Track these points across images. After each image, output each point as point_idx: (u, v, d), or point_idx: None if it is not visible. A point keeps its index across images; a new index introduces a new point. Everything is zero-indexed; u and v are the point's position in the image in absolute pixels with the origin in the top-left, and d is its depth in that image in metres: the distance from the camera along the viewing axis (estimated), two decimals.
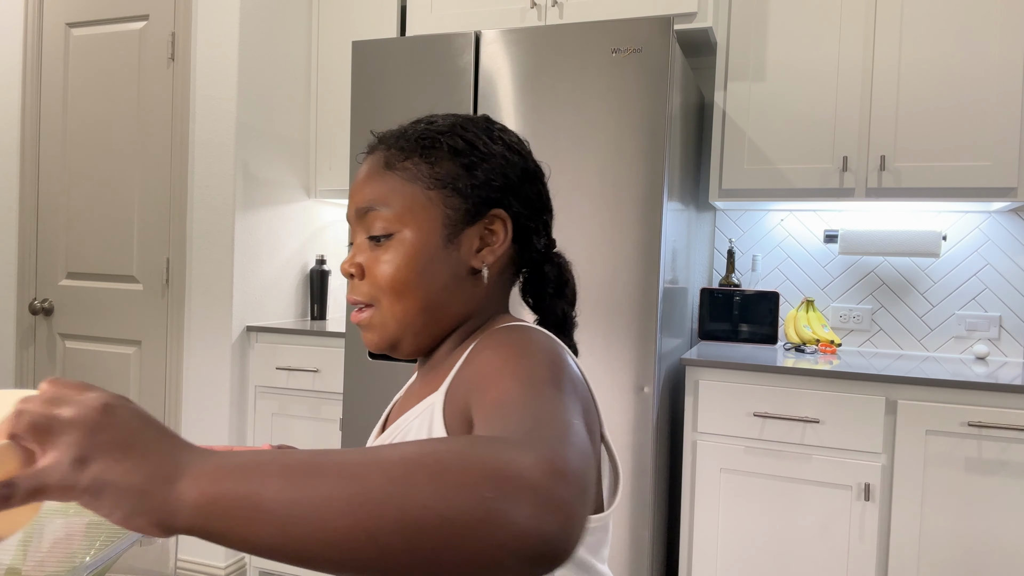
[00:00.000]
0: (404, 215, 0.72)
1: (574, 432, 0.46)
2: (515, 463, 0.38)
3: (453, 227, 0.73)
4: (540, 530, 0.36)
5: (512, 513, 0.36)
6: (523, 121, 1.92)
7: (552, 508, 0.37)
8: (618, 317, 1.84)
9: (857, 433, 1.86)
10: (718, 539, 2.00)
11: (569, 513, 0.38)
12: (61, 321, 2.70)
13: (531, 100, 1.91)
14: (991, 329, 2.28)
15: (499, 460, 0.38)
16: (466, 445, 0.39)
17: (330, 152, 2.71)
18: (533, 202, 0.77)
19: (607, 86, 1.84)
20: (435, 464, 0.37)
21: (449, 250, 0.73)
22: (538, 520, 0.36)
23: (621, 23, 1.83)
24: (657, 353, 1.83)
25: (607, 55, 1.84)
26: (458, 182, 0.73)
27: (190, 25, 2.46)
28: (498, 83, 1.94)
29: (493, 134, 0.77)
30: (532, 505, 0.37)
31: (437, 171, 0.73)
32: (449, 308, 0.74)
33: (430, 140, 0.74)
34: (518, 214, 0.75)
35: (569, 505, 0.38)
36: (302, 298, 2.80)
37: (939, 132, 2.06)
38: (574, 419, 0.50)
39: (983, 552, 1.79)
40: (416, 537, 0.36)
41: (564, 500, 0.38)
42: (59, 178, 2.69)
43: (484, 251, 0.74)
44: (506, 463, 0.38)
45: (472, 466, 0.37)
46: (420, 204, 0.72)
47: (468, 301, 0.75)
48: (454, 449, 0.39)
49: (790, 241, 2.48)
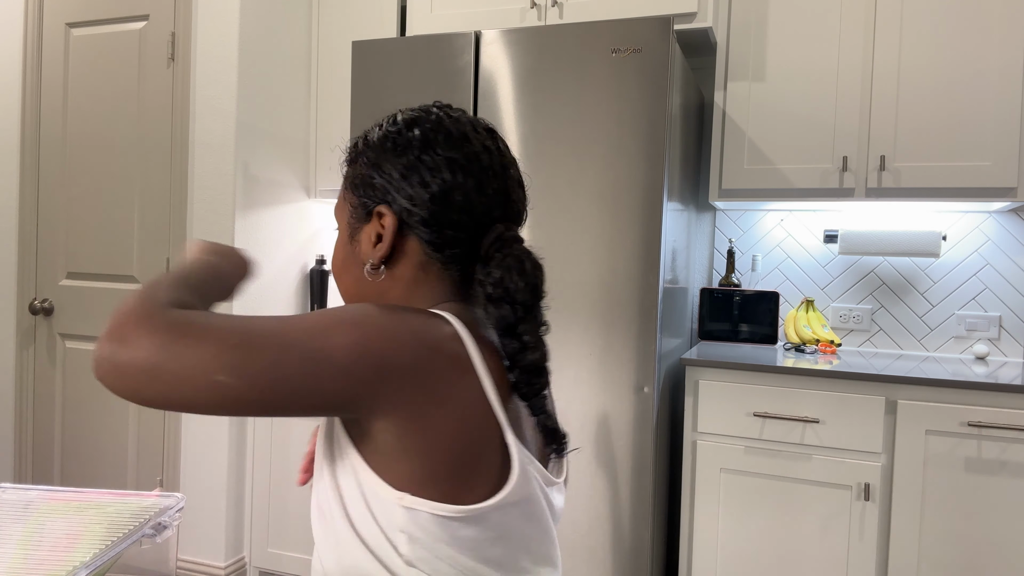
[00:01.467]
0: (336, 215, 0.81)
1: (198, 329, 0.59)
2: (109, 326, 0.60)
3: (354, 226, 0.78)
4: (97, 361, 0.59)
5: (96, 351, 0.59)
6: (523, 121, 1.92)
7: (99, 358, 0.59)
8: (618, 317, 1.85)
9: (857, 433, 1.86)
10: (718, 539, 2.00)
11: (106, 357, 0.58)
12: (61, 321, 2.70)
13: (531, 100, 1.91)
14: (991, 329, 2.28)
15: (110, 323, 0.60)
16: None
17: (330, 152, 2.71)
18: (429, 200, 0.73)
19: (607, 86, 1.84)
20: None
21: (353, 246, 0.78)
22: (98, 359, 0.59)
23: (621, 23, 1.83)
24: (657, 353, 1.83)
25: (607, 55, 1.84)
26: (355, 181, 0.77)
27: (190, 25, 2.46)
28: (498, 83, 1.94)
29: (412, 131, 0.75)
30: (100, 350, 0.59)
31: (349, 172, 0.79)
32: (368, 299, 0.78)
33: (357, 141, 0.79)
34: (404, 210, 0.74)
35: (108, 355, 0.58)
36: (302, 298, 2.80)
37: (939, 132, 2.06)
38: (237, 336, 0.60)
39: (983, 552, 1.79)
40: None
41: (105, 351, 0.59)
42: (59, 178, 2.69)
43: (376, 247, 0.75)
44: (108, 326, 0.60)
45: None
46: (339, 205, 0.80)
47: (384, 294, 0.77)
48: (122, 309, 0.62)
49: (790, 241, 2.48)
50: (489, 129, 0.79)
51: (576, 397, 1.88)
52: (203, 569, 2.46)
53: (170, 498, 0.85)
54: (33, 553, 0.70)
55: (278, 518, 2.45)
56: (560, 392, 1.90)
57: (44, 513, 0.71)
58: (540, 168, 1.90)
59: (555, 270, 1.90)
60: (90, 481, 2.67)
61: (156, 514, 0.81)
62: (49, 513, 0.71)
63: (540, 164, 1.90)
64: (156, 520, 0.81)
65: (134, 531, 0.77)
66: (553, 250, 1.90)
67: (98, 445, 2.65)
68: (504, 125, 1.94)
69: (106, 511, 0.81)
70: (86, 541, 0.71)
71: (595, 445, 1.87)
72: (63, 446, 2.71)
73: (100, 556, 0.70)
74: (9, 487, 0.86)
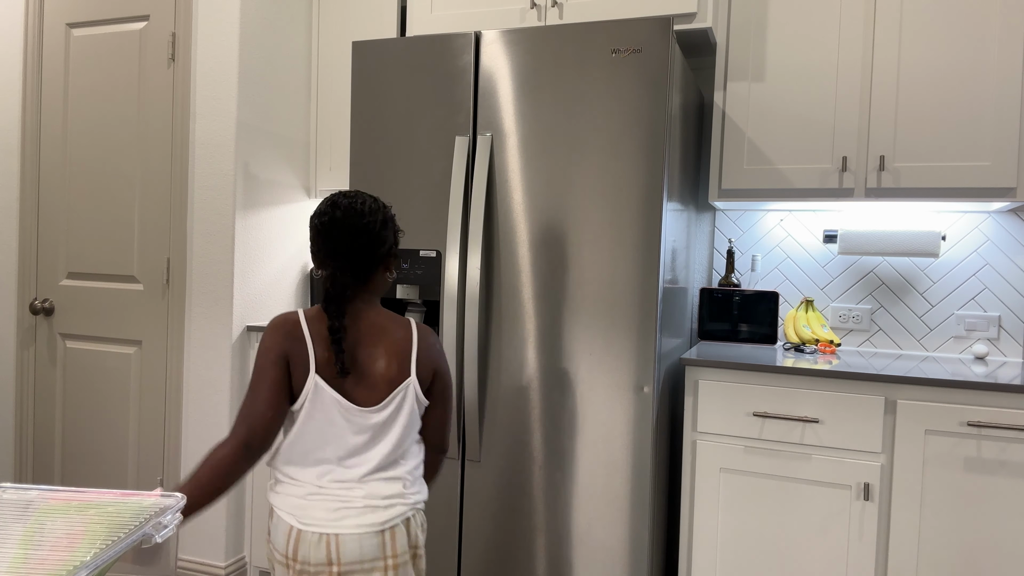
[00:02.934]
0: None
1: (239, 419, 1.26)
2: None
3: None
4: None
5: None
6: (523, 121, 1.92)
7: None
8: (618, 317, 1.85)
9: (856, 433, 1.87)
10: (718, 539, 2.00)
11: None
12: (62, 321, 2.70)
13: (531, 100, 1.91)
14: (990, 329, 2.28)
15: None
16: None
17: (330, 152, 2.72)
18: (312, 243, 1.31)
19: (607, 86, 1.84)
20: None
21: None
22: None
23: (621, 23, 1.83)
24: (657, 353, 1.83)
25: (607, 55, 1.84)
26: None
27: (190, 25, 2.46)
28: (498, 83, 1.94)
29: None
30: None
31: None
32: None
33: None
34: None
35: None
36: (302, 298, 2.80)
37: (938, 132, 2.06)
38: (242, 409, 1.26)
39: (982, 551, 1.79)
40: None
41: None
42: (60, 178, 2.69)
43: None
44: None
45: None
46: None
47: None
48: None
49: (789, 241, 2.49)
50: (332, 202, 1.26)
51: (576, 396, 1.89)
52: (203, 569, 2.47)
53: (170, 498, 0.85)
54: (33, 553, 0.70)
55: None
56: (560, 391, 1.90)
57: (44, 513, 0.71)
58: (540, 168, 1.91)
59: (555, 270, 1.90)
60: (90, 481, 2.68)
61: (156, 514, 0.81)
62: (49, 513, 0.71)
63: (540, 164, 1.90)
64: (156, 520, 0.81)
65: (134, 531, 0.77)
66: (553, 250, 1.90)
67: (98, 445, 2.65)
68: (504, 125, 1.94)
69: (106, 511, 0.81)
70: (86, 541, 0.71)
71: (595, 445, 1.87)
72: (63, 446, 2.71)
73: (100, 556, 0.70)
74: (9, 487, 0.87)
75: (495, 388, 1.95)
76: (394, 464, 1.22)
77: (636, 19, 1.82)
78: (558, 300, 1.89)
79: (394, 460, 1.22)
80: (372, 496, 1.19)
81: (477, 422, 1.95)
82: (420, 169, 1.97)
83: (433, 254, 1.95)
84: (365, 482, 1.20)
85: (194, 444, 2.48)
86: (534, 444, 1.92)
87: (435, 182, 1.96)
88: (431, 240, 1.97)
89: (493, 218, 1.95)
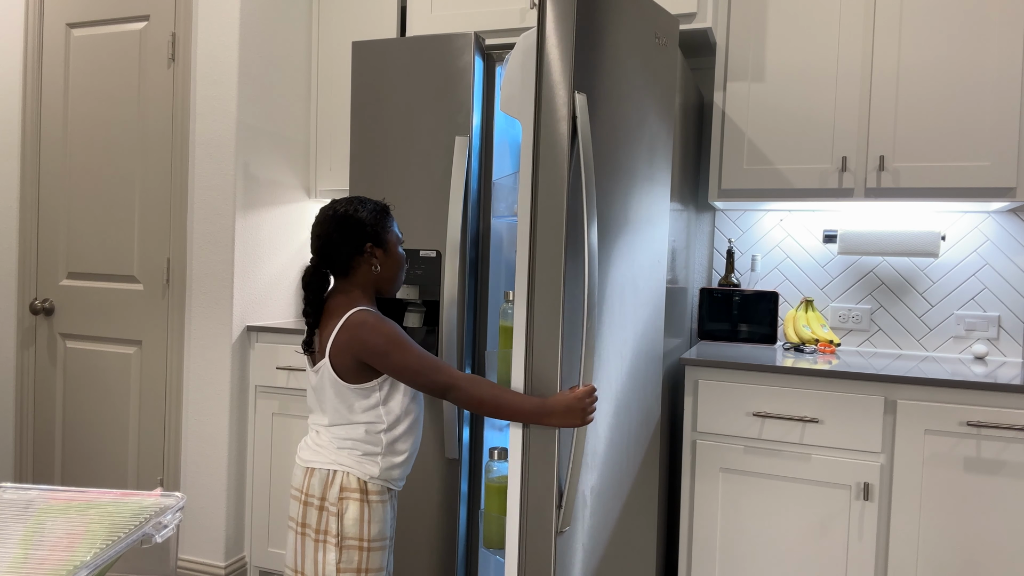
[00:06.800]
0: None
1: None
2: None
3: None
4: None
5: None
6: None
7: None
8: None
9: (856, 433, 1.87)
10: (718, 539, 2.01)
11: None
12: (62, 321, 2.70)
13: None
14: (990, 329, 2.28)
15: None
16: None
17: (330, 152, 2.72)
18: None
19: None
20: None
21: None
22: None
23: None
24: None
25: None
26: None
27: (190, 25, 2.46)
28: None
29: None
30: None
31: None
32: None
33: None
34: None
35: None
36: (302, 298, 2.80)
37: (938, 132, 2.06)
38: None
39: (982, 551, 1.79)
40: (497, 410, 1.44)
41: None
42: (60, 178, 2.69)
43: None
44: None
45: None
46: None
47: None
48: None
49: (789, 241, 2.49)
50: (323, 208, 1.49)
51: None
52: (203, 569, 2.47)
53: (170, 498, 0.85)
54: (34, 553, 0.70)
55: (278, 518, 2.46)
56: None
57: (45, 513, 0.72)
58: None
59: None
60: (91, 481, 2.68)
61: (156, 514, 0.81)
62: (50, 513, 0.71)
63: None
64: (156, 520, 0.81)
65: (134, 531, 0.77)
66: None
67: (98, 445, 2.65)
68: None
69: (107, 511, 0.81)
70: (86, 541, 0.72)
71: None
72: (64, 446, 2.71)
73: (100, 556, 0.70)
74: (9, 487, 0.87)
75: None
76: (334, 426, 1.47)
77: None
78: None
79: (334, 422, 1.47)
80: (314, 441, 1.49)
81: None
82: (420, 169, 1.97)
83: (433, 254, 1.95)
84: (316, 430, 1.50)
85: (194, 444, 2.49)
86: None
87: (435, 182, 1.96)
88: (431, 240, 1.97)
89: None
